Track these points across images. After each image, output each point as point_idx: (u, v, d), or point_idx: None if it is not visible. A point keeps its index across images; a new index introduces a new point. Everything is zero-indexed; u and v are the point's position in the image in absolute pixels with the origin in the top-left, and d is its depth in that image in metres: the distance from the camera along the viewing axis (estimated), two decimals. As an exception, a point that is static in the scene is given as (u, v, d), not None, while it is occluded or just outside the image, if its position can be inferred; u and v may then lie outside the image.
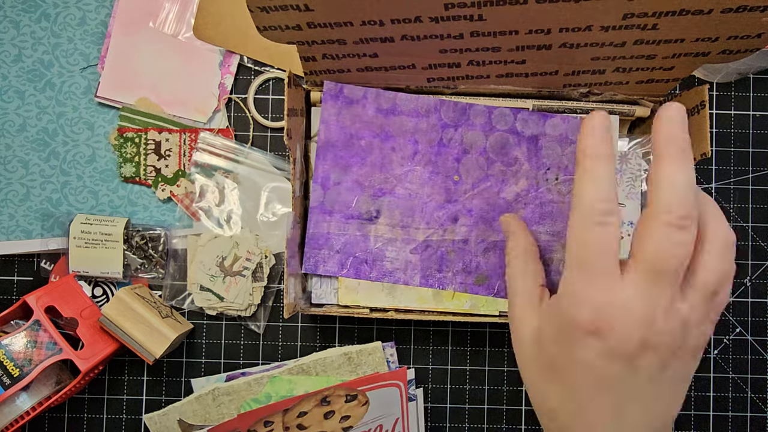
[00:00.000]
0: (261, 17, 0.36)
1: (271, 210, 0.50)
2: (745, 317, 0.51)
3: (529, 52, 0.39)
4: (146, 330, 0.45)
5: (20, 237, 0.50)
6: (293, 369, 0.48)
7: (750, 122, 0.51)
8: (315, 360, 0.48)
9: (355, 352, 0.47)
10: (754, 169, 0.51)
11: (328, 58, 0.41)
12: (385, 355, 0.48)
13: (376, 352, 0.47)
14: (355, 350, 0.47)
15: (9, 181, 0.50)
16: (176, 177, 0.50)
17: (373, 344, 0.48)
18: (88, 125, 0.50)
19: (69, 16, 0.50)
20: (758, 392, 0.51)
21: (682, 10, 0.34)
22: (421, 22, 0.35)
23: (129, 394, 0.51)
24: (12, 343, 0.44)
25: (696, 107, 0.41)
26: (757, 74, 0.51)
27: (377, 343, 0.48)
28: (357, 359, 0.47)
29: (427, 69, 0.42)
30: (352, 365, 0.47)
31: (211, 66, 0.50)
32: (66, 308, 0.46)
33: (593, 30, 0.36)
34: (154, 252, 0.49)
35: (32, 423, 0.50)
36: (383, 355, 0.48)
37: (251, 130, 0.51)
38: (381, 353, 0.47)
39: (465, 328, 0.51)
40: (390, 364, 0.48)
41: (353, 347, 0.48)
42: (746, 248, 0.51)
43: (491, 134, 0.45)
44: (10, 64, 0.50)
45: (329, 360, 0.47)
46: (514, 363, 0.51)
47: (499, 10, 0.34)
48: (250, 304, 0.49)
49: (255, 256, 0.49)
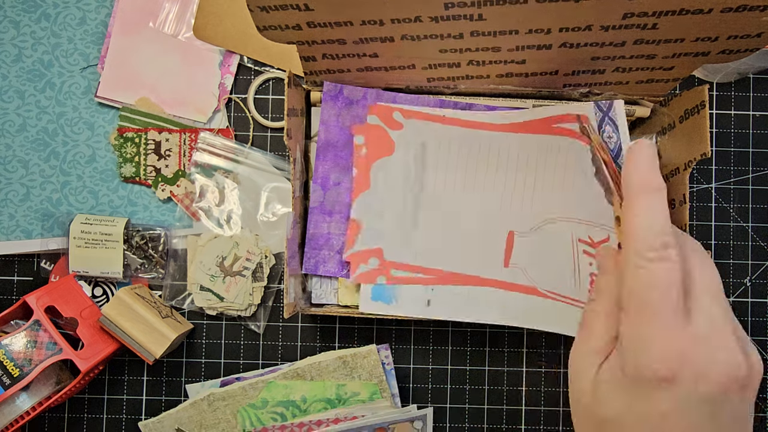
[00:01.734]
0: (261, 17, 0.36)
1: (271, 210, 0.50)
2: (745, 317, 0.51)
3: (529, 52, 0.39)
4: (146, 330, 0.45)
5: (20, 237, 0.50)
6: (288, 373, 0.47)
7: (750, 122, 0.51)
8: (310, 364, 0.47)
9: (350, 355, 0.47)
10: (754, 169, 0.51)
11: (328, 58, 0.41)
12: (380, 357, 0.48)
13: (371, 355, 0.47)
14: (350, 354, 0.47)
15: (9, 181, 0.50)
16: (176, 177, 0.50)
17: (368, 347, 0.48)
18: (88, 125, 0.50)
19: (69, 16, 0.50)
20: (758, 392, 0.51)
21: (682, 9, 0.34)
22: (421, 22, 0.35)
23: (129, 395, 0.51)
24: (12, 343, 0.44)
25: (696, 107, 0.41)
26: (757, 74, 0.51)
27: (372, 346, 0.48)
28: (352, 362, 0.47)
29: (427, 69, 0.42)
30: (347, 369, 0.47)
31: (211, 66, 0.50)
32: (66, 308, 0.46)
33: (593, 30, 0.36)
34: (154, 252, 0.49)
35: (32, 423, 0.50)
36: (378, 357, 0.47)
37: (251, 130, 0.51)
38: (376, 356, 0.47)
39: (465, 328, 0.51)
40: (385, 366, 0.48)
41: (348, 351, 0.48)
42: (746, 248, 0.51)
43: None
44: (10, 64, 0.50)
45: (324, 364, 0.47)
46: (514, 363, 0.51)
47: (499, 10, 0.34)
48: (250, 304, 0.49)
49: (255, 256, 0.49)
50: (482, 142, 0.44)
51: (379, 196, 0.45)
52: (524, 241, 0.44)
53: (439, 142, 0.45)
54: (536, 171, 0.44)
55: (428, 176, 0.45)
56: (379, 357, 0.48)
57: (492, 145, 0.44)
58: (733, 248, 0.51)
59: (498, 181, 0.44)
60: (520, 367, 0.51)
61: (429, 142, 0.45)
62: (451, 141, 0.44)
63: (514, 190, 0.44)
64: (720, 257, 0.51)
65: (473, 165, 0.44)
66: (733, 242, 0.51)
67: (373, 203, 0.45)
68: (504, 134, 0.44)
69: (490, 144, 0.44)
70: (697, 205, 0.51)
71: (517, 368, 0.51)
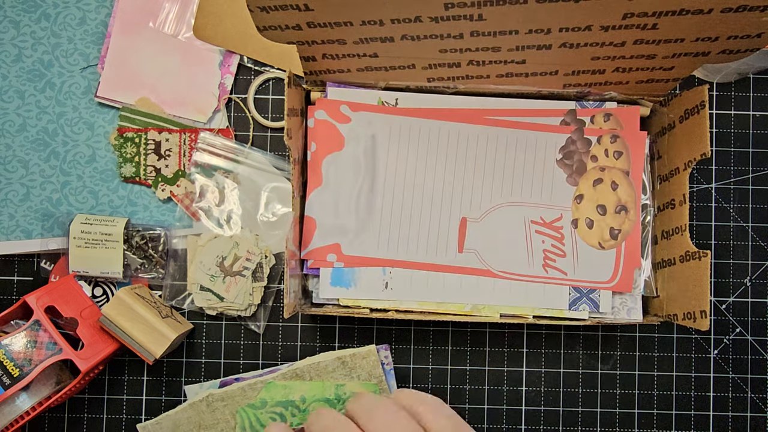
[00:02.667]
0: (261, 17, 0.36)
1: (271, 210, 0.50)
2: (745, 317, 0.51)
3: (529, 52, 0.39)
4: (146, 330, 0.45)
5: (20, 237, 0.50)
6: (287, 374, 0.47)
7: (750, 122, 0.51)
8: (309, 364, 0.47)
9: (349, 356, 0.47)
10: (754, 169, 0.51)
11: (328, 58, 0.41)
12: (379, 357, 0.48)
13: (370, 355, 0.47)
14: (349, 354, 0.47)
15: (9, 181, 0.50)
16: (176, 177, 0.50)
17: (367, 348, 0.47)
18: (88, 125, 0.50)
19: (69, 16, 0.50)
20: (758, 392, 0.51)
21: (682, 9, 0.34)
22: (421, 22, 0.35)
23: (129, 395, 0.51)
24: (12, 343, 0.44)
25: (696, 107, 0.41)
26: (757, 74, 0.51)
27: (371, 347, 0.47)
28: (351, 363, 0.47)
29: (427, 69, 0.42)
30: (347, 369, 0.47)
31: (211, 66, 0.50)
32: (66, 308, 0.46)
33: (593, 30, 0.36)
34: (154, 252, 0.49)
35: (32, 423, 0.50)
36: (377, 358, 0.47)
37: (251, 130, 0.51)
38: (375, 357, 0.47)
39: (465, 328, 0.51)
40: (384, 366, 0.48)
41: (347, 351, 0.47)
42: (746, 248, 0.51)
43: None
44: (10, 64, 0.50)
45: (323, 364, 0.47)
46: (514, 363, 0.51)
47: (499, 10, 0.34)
48: (250, 304, 0.49)
49: (255, 256, 0.49)
50: (433, 131, 0.45)
51: (331, 191, 0.45)
52: (477, 227, 0.45)
53: (390, 133, 0.45)
54: (489, 160, 0.45)
55: (380, 168, 0.45)
56: (378, 357, 0.47)
57: (442, 133, 0.45)
58: (733, 248, 0.51)
59: (449, 169, 0.45)
60: (520, 367, 0.51)
61: (379, 134, 0.45)
62: (401, 131, 0.45)
63: (464, 177, 0.45)
64: (720, 257, 0.51)
65: (424, 155, 0.45)
66: (733, 242, 0.51)
67: (326, 199, 0.45)
68: (459, 124, 0.45)
69: (441, 133, 0.45)
70: (697, 205, 0.51)
71: (517, 368, 0.51)
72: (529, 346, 0.51)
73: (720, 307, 0.51)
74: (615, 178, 0.45)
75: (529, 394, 0.51)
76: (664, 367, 0.51)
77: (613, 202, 0.45)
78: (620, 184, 0.45)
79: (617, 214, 0.45)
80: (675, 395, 0.51)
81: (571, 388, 0.51)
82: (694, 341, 0.51)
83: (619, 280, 0.45)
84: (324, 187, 0.45)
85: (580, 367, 0.51)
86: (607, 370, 0.51)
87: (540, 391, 0.51)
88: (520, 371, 0.51)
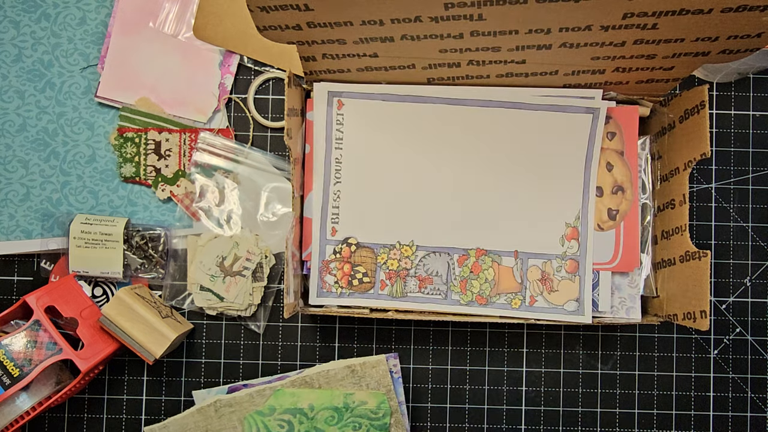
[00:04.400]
0: (261, 17, 0.36)
1: (271, 210, 0.50)
2: (745, 317, 0.51)
3: (529, 52, 0.39)
4: (146, 330, 0.45)
5: (20, 237, 0.50)
6: (296, 381, 0.47)
7: (750, 122, 0.51)
8: (318, 372, 0.47)
9: (359, 364, 0.47)
10: (754, 169, 0.51)
11: (328, 58, 0.41)
12: (388, 366, 0.48)
13: (380, 364, 0.47)
14: (359, 363, 0.47)
15: (9, 181, 0.50)
16: (176, 177, 0.50)
17: (377, 357, 0.47)
18: (88, 125, 0.50)
19: (69, 16, 0.50)
20: (758, 392, 0.51)
21: (682, 9, 0.34)
22: (421, 21, 0.36)
23: (129, 395, 0.51)
24: (12, 343, 0.44)
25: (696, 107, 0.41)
26: (757, 74, 0.51)
27: (381, 357, 0.47)
28: (360, 372, 0.47)
29: (427, 69, 0.42)
30: (356, 377, 0.47)
31: (211, 66, 0.50)
32: (66, 308, 0.46)
33: (593, 30, 0.36)
34: (154, 252, 0.49)
35: (32, 423, 0.50)
36: (387, 367, 0.47)
37: (251, 130, 0.51)
38: (385, 366, 0.47)
39: (465, 328, 0.51)
40: (393, 375, 0.48)
41: (357, 360, 0.47)
42: (746, 248, 0.51)
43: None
44: (10, 64, 0.50)
45: (332, 372, 0.47)
46: (514, 363, 0.51)
47: (499, 10, 0.34)
48: (250, 304, 0.49)
49: (255, 256, 0.49)
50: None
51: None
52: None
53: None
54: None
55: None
56: (387, 366, 0.47)
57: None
58: (733, 248, 0.51)
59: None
60: (520, 367, 0.51)
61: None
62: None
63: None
64: (720, 257, 0.51)
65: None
66: (733, 242, 0.51)
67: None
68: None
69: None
70: (697, 205, 0.51)
71: (517, 368, 0.51)
72: (529, 346, 0.51)
73: (720, 307, 0.51)
74: (610, 159, 0.45)
75: (529, 394, 0.51)
76: (664, 367, 0.51)
77: (610, 182, 0.45)
78: (615, 165, 0.45)
79: (614, 194, 0.45)
80: (675, 395, 0.51)
81: (571, 388, 0.51)
82: (694, 341, 0.51)
83: (621, 260, 0.45)
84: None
85: (580, 367, 0.51)
86: (607, 370, 0.51)
87: (540, 391, 0.51)
88: (520, 371, 0.51)
